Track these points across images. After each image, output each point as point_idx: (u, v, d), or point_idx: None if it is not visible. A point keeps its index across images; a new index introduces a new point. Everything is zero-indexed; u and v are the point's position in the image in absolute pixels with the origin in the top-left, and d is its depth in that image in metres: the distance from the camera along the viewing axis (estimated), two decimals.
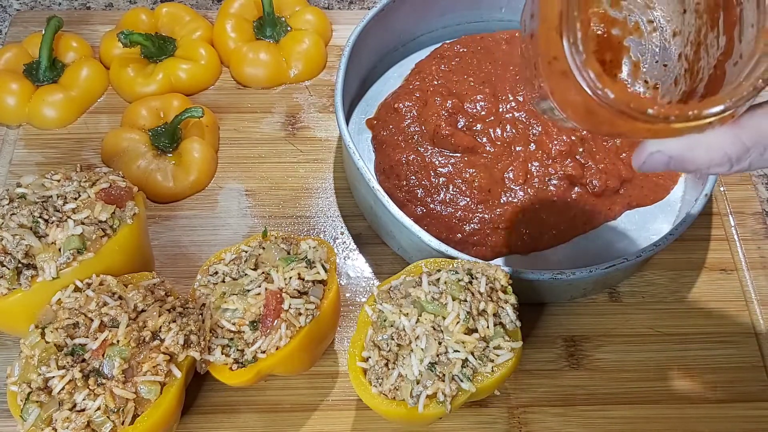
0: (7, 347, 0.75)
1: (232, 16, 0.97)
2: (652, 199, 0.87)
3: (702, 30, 0.46)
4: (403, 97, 0.89)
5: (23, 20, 1.01)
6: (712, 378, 0.76)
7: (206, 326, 0.63)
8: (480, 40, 0.96)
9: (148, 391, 0.59)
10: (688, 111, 0.39)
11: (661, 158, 0.44)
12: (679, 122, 0.40)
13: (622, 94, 0.39)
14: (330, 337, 0.72)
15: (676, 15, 0.49)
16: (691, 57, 0.48)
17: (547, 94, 0.43)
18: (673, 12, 0.49)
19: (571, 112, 0.42)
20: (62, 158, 0.89)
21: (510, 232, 0.81)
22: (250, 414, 0.72)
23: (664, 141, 0.43)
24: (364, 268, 0.83)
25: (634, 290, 0.82)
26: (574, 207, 0.83)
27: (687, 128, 0.40)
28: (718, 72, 0.44)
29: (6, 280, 0.62)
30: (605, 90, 0.39)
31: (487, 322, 0.61)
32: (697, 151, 0.42)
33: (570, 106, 0.42)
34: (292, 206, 0.87)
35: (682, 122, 0.40)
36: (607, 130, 0.42)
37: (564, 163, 0.83)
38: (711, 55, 0.45)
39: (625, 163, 0.86)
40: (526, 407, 0.74)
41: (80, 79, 0.92)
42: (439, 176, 0.82)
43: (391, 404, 0.59)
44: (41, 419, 0.57)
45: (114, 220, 0.67)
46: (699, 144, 0.42)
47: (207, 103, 0.94)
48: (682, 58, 0.48)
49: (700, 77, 0.46)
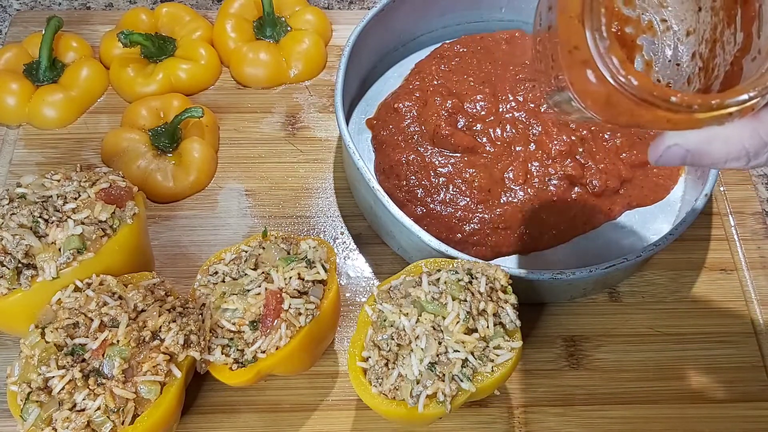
0: (7, 347, 0.75)
1: (232, 16, 0.97)
2: (652, 199, 0.87)
3: (718, 27, 0.46)
4: (403, 97, 0.89)
5: (23, 20, 1.01)
6: (712, 378, 0.76)
7: (206, 326, 0.63)
8: (480, 40, 0.96)
9: (148, 391, 0.59)
10: (711, 100, 0.39)
11: (678, 152, 0.43)
12: (702, 111, 0.39)
13: (646, 82, 0.39)
14: (330, 337, 0.72)
15: (690, 14, 0.48)
16: (705, 55, 0.47)
17: (566, 85, 0.43)
18: (687, 11, 0.49)
19: (591, 102, 0.42)
20: (62, 158, 0.89)
21: (510, 232, 0.81)
22: (250, 414, 0.72)
23: (683, 134, 0.43)
24: (364, 268, 0.83)
25: (634, 290, 0.82)
26: (574, 207, 0.83)
27: (708, 118, 0.40)
28: (734, 68, 0.44)
29: (6, 280, 0.62)
30: (629, 77, 0.39)
31: (487, 322, 0.61)
32: (715, 145, 0.42)
33: (590, 97, 0.41)
34: (292, 206, 0.87)
35: (704, 112, 0.39)
36: (626, 120, 0.41)
37: (564, 163, 0.83)
38: (727, 52, 0.45)
39: (625, 163, 0.86)
40: (526, 407, 0.74)
41: (80, 79, 0.92)
42: (439, 176, 0.82)
43: (391, 404, 0.59)
44: (41, 419, 0.57)
45: (114, 220, 0.67)
46: (717, 137, 0.42)
47: (207, 103, 0.94)
48: (696, 56, 0.48)
49: (715, 74, 0.46)
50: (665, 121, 0.41)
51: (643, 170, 0.87)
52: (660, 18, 0.50)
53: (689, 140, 0.43)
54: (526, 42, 0.97)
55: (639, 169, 0.87)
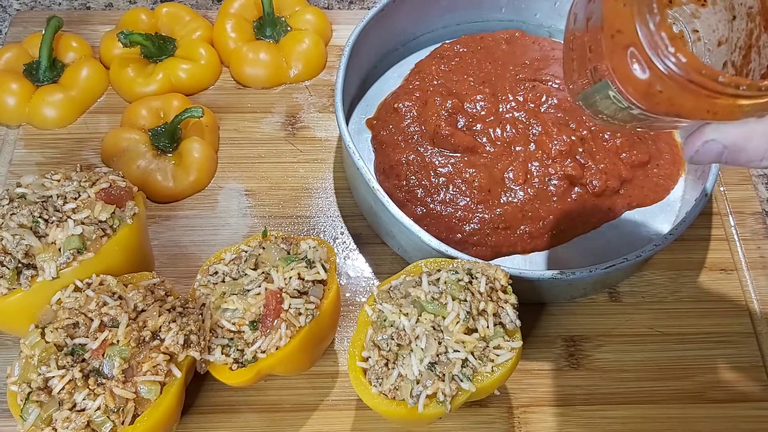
0: (7, 347, 0.75)
1: (232, 16, 0.97)
2: (653, 199, 0.87)
3: (754, 32, 0.46)
4: (402, 97, 0.89)
5: (23, 20, 1.01)
6: (712, 378, 0.76)
7: (206, 326, 0.63)
8: (480, 40, 0.96)
9: (148, 391, 0.59)
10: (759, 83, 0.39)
11: (716, 147, 0.43)
12: (748, 96, 0.39)
13: (695, 59, 0.38)
14: (330, 337, 0.72)
15: (723, 23, 0.48)
16: (739, 62, 0.47)
17: (606, 74, 0.42)
18: (720, 21, 0.48)
19: (632, 89, 0.41)
20: (62, 158, 0.89)
21: (510, 232, 0.81)
22: (250, 414, 0.72)
23: (721, 129, 0.42)
24: (364, 268, 0.83)
25: (634, 290, 0.82)
26: (574, 207, 0.83)
27: (751, 106, 0.40)
28: None
29: (6, 280, 0.62)
30: (678, 54, 0.38)
31: (487, 322, 0.61)
32: (754, 141, 0.42)
33: (631, 83, 0.41)
34: (292, 206, 0.87)
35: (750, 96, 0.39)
36: (665, 109, 0.41)
37: (564, 163, 0.83)
38: (764, 56, 0.45)
39: (626, 163, 0.86)
40: (526, 407, 0.74)
41: (80, 79, 0.92)
42: (439, 176, 0.82)
43: (391, 404, 0.59)
44: (41, 419, 0.57)
45: (114, 220, 0.67)
46: (755, 132, 0.42)
47: (207, 103, 0.94)
48: (728, 65, 0.48)
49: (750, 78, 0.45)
50: (705, 111, 0.40)
51: (643, 170, 0.87)
52: (692, 29, 0.50)
53: (728, 136, 0.42)
54: (526, 42, 0.97)
55: (639, 169, 0.87)
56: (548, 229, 0.82)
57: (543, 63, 0.94)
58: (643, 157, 0.86)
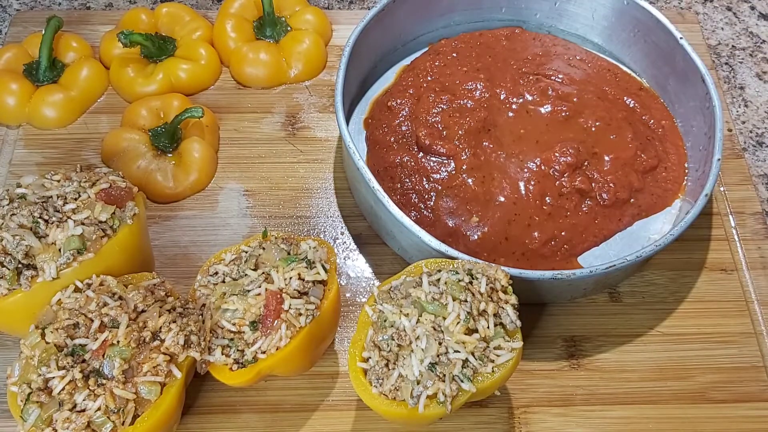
0: (7, 347, 0.75)
1: (232, 16, 0.97)
2: (661, 206, 0.85)
3: None
4: (396, 95, 0.88)
5: (23, 20, 1.01)
6: (713, 378, 0.76)
7: (206, 326, 0.63)
8: (479, 36, 0.96)
9: (149, 392, 0.59)
10: None
11: None
12: None
13: None
14: (330, 338, 0.72)
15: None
16: None
17: None
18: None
19: None
20: (62, 158, 0.89)
21: (510, 239, 0.80)
22: (250, 414, 0.72)
23: None
24: (364, 268, 0.83)
25: (634, 290, 0.82)
26: (583, 220, 0.81)
27: None
28: None
29: (6, 281, 0.62)
30: None
31: (487, 323, 0.61)
32: None
33: None
34: (292, 206, 0.87)
35: None
36: None
37: (572, 177, 0.81)
38: None
39: (637, 170, 0.84)
40: (527, 407, 0.74)
41: (80, 79, 0.92)
42: (432, 182, 0.81)
43: (392, 404, 0.59)
44: (41, 420, 0.57)
45: (114, 221, 0.67)
46: None
47: (207, 103, 0.94)
48: None
49: None
50: None
51: (652, 175, 0.86)
52: None
53: None
54: (527, 38, 0.97)
55: (649, 174, 0.85)
56: (554, 237, 0.80)
57: (545, 58, 0.94)
58: (653, 161, 0.85)
